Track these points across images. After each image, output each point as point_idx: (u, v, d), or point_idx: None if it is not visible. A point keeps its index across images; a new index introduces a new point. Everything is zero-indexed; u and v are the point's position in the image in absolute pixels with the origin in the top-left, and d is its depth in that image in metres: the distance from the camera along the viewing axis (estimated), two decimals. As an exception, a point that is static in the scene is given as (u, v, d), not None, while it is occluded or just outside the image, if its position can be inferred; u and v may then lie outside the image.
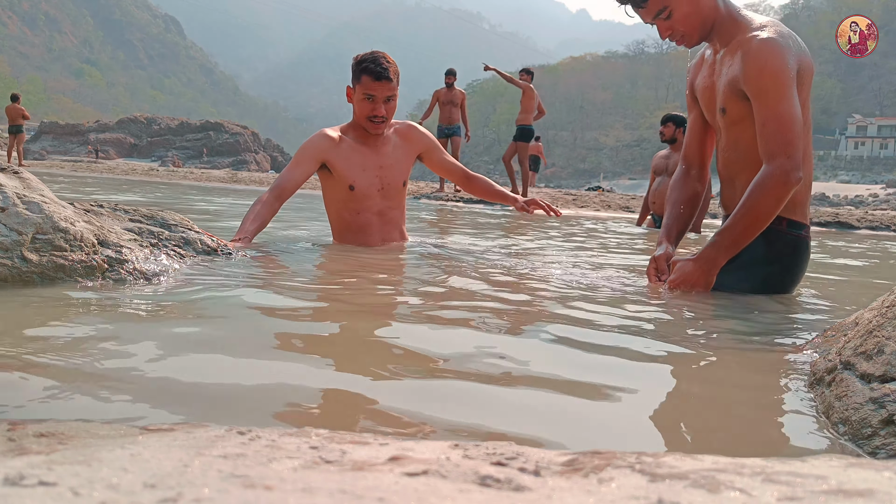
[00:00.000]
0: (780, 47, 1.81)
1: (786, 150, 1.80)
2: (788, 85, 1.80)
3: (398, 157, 2.82)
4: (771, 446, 0.83)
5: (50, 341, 1.06)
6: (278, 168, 46.30)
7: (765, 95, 1.81)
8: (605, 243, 4.12)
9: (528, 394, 0.97)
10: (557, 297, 1.81)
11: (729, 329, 1.50)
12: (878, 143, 72.49)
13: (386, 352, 1.16)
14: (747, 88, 1.85)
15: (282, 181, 2.69)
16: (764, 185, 1.82)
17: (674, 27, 1.95)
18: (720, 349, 1.32)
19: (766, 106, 1.81)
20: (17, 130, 15.93)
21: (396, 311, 1.55)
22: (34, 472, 0.40)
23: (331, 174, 2.73)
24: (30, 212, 1.57)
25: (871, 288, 2.67)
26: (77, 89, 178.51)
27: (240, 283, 1.74)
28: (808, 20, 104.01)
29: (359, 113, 2.71)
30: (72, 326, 1.17)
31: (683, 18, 1.93)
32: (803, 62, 1.86)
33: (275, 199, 2.64)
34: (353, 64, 2.72)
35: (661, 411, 0.93)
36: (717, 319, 1.63)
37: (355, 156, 2.73)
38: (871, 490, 0.41)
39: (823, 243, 5.18)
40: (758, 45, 1.82)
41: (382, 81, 2.62)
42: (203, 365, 1.00)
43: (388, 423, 0.82)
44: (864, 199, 25.16)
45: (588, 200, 10.64)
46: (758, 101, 1.83)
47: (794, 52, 1.84)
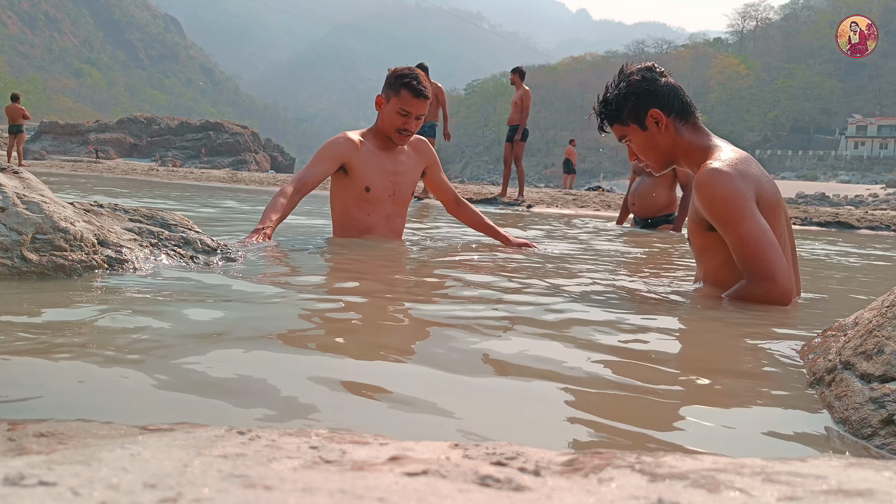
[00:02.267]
0: (726, 175, 1.75)
1: (762, 273, 1.74)
2: (744, 206, 1.74)
3: (411, 167, 2.97)
4: (771, 446, 0.83)
5: (49, 341, 1.06)
6: (278, 168, 46.34)
7: (724, 222, 1.77)
8: (592, 243, 4.12)
9: (528, 394, 0.97)
10: (557, 297, 1.81)
11: (729, 329, 1.50)
12: (878, 143, 72.50)
13: (386, 351, 1.16)
14: (710, 220, 1.82)
15: (304, 176, 2.78)
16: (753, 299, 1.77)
17: (636, 154, 1.99)
18: (720, 349, 1.32)
19: (729, 232, 1.77)
20: (17, 130, 15.94)
21: (396, 310, 1.55)
22: (34, 472, 0.40)
23: (346, 174, 2.83)
24: (30, 212, 1.57)
25: (871, 288, 2.67)
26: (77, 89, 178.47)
27: (240, 282, 1.74)
28: (808, 20, 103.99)
29: (388, 124, 2.82)
30: (71, 326, 1.17)
31: (640, 149, 1.96)
32: (762, 189, 1.81)
33: (295, 193, 2.73)
34: (391, 77, 2.83)
35: (661, 411, 0.93)
36: (716, 319, 1.63)
37: (374, 160, 2.84)
38: (871, 490, 0.41)
39: (823, 243, 5.18)
40: (705, 176, 1.78)
41: (421, 100, 2.77)
42: (203, 364, 1.00)
43: (389, 422, 0.82)
44: (864, 199, 25.17)
45: (588, 200, 10.64)
46: (721, 229, 1.80)
47: (749, 178, 1.78)
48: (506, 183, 10.08)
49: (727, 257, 1.86)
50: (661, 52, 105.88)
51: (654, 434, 0.84)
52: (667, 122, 1.90)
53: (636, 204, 5.69)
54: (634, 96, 1.91)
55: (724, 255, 1.87)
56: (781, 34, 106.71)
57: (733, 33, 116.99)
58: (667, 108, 1.90)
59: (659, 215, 5.59)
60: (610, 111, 1.96)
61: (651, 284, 2.19)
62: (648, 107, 1.90)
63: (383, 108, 2.83)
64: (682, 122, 1.92)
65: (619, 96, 1.93)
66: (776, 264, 1.74)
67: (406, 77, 2.78)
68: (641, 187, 5.58)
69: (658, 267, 2.97)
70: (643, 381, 1.06)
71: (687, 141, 1.92)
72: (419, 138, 3.03)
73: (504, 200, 9.52)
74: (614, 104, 1.95)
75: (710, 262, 1.94)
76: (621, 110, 1.93)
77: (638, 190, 5.63)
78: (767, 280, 1.74)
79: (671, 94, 1.91)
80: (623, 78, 1.95)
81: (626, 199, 6.13)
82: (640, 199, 5.61)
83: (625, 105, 1.92)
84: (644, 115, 1.91)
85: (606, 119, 1.99)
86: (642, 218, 5.70)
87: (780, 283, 1.73)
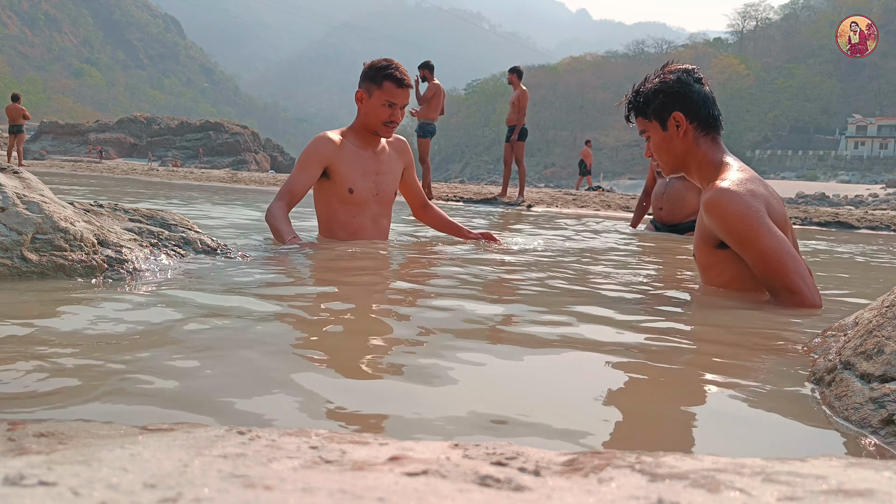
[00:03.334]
0: (737, 194, 1.76)
1: (789, 287, 1.74)
2: (759, 223, 1.74)
3: (392, 167, 2.94)
4: (771, 446, 0.83)
5: (49, 341, 1.06)
6: (278, 168, 46.31)
7: (742, 240, 1.76)
8: (602, 242, 4.12)
9: (528, 393, 0.97)
10: (557, 297, 1.81)
11: (728, 329, 1.50)
12: (878, 142, 72.50)
13: (386, 351, 1.16)
14: (724, 240, 1.82)
15: (291, 187, 2.73)
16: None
17: (652, 152, 1.99)
18: (720, 349, 1.32)
19: (748, 249, 1.76)
20: (17, 130, 15.94)
21: (397, 309, 1.55)
22: (34, 472, 0.40)
23: (328, 178, 2.78)
24: (30, 212, 1.57)
25: (871, 288, 2.67)
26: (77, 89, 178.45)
27: (240, 282, 1.74)
28: (808, 20, 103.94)
29: (374, 118, 2.78)
30: (71, 326, 1.17)
31: (656, 147, 1.96)
32: (772, 207, 1.80)
33: (286, 206, 2.70)
34: (369, 70, 2.79)
35: (661, 411, 0.93)
36: (716, 319, 1.63)
37: (356, 160, 2.80)
38: (871, 490, 0.41)
39: (824, 243, 5.18)
40: (715, 196, 1.77)
41: (404, 89, 2.75)
42: (203, 364, 1.00)
43: (389, 422, 0.82)
44: (864, 199, 25.15)
45: (588, 200, 10.64)
46: (738, 247, 1.79)
47: (758, 196, 1.78)
48: (506, 183, 10.08)
49: (734, 275, 1.87)
50: (661, 52, 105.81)
51: (654, 434, 0.84)
52: (687, 127, 1.90)
53: (664, 209, 5.23)
54: (664, 94, 1.91)
55: (730, 273, 1.88)
56: (781, 34, 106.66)
57: (733, 33, 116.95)
58: (692, 114, 1.90)
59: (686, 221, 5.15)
60: (638, 102, 1.96)
61: (653, 285, 2.19)
62: (674, 108, 1.90)
63: (365, 103, 2.78)
64: (704, 133, 1.91)
65: (651, 90, 1.94)
66: (802, 276, 1.76)
67: (388, 68, 2.75)
68: (671, 191, 5.14)
69: (665, 268, 2.97)
70: (643, 381, 1.06)
71: (702, 152, 1.91)
72: (399, 137, 3.01)
73: (504, 200, 9.53)
74: (643, 97, 1.95)
75: (716, 279, 1.94)
76: (649, 104, 1.94)
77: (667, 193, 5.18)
78: (795, 293, 1.74)
79: (701, 102, 1.90)
80: (660, 73, 1.96)
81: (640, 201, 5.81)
82: (670, 204, 5.16)
83: (653, 100, 1.93)
84: (667, 116, 1.91)
85: (634, 109, 1.99)
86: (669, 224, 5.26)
87: (808, 295, 1.75)
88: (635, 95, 1.98)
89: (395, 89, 2.74)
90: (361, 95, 2.79)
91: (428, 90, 8.97)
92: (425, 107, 9.02)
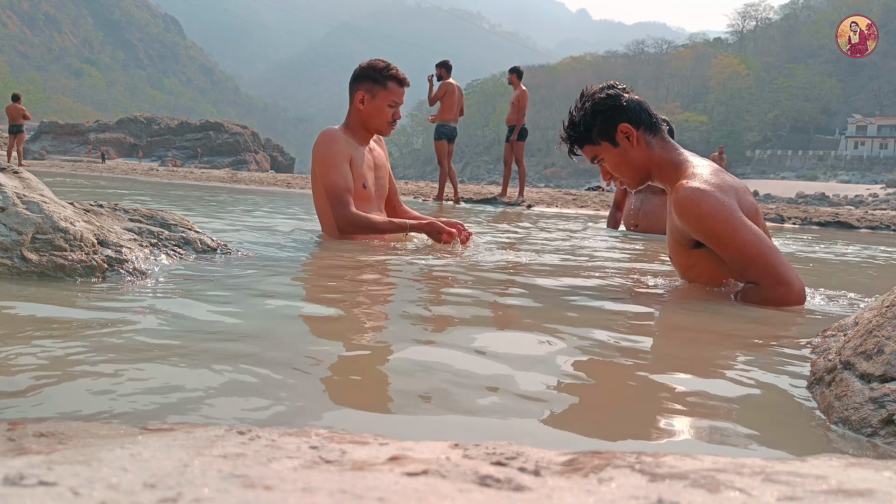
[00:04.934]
0: (707, 191, 1.74)
1: (775, 277, 1.73)
2: (733, 217, 1.73)
3: (384, 163, 3.01)
4: (771, 446, 0.83)
5: (50, 341, 1.06)
6: (278, 168, 46.32)
7: (718, 237, 1.75)
8: (594, 244, 4.12)
9: (528, 394, 0.97)
10: (556, 296, 1.81)
11: (728, 329, 1.50)
12: (878, 142, 72.49)
13: (386, 350, 1.16)
14: (700, 239, 1.80)
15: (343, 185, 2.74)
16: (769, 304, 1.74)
17: (610, 172, 1.98)
18: (719, 349, 1.32)
19: (726, 245, 1.75)
20: (17, 130, 15.94)
21: (396, 309, 1.55)
22: (34, 472, 0.40)
23: None
24: (30, 212, 1.57)
25: (871, 288, 2.67)
26: (77, 89, 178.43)
27: (240, 282, 1.74)
28: (808, 20, 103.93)
29: (380, 119, 2.82)
30: (71, 326, 1.17)
31: (614, 166, 1.95)
32: (741, 198, 1.79)
33: (354, 204, 2.75)
34: (370, 71, 2.81)
35: (661, 411, 0.93)
36: (716, 320, 1.63)
37: (362, 156, 2.86)
38: (871, 490, 0.41)
39: (823, 243, 5.18)
40: (685, 195, 1.76)
41: (405, 88, 2.84)
42: (203, 364, 1.00)
43: (389, 422, 0.82)
44: (864, 199, 25.15)
45: (588, 200, 10.65)
46: (715, 244, 1.77)
47: (727, 189, 1.77)
48: (506, 183, 10.08)
49: (715, 275, 1.86)
50: (661, 52, 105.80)
51: (654, 434, 0.84)
52: (637, 135, 1.90)
53: (640, 225, 5.02)
54: (602, 114, 1.91)
55: (711, 271, 1.87)
56: (781, 34, 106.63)
57: (733, 33, 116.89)
58: (635, 121, 1.90)
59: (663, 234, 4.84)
60: (579, 133, 1.96)
61: (652, 284, 2.19)
62: (617, 122, 1.90)
63: (368, 104, 2.80)
64: (651, 135, 1.92)
65: (587, 116, 1.93)
66: (784, 266, 1.75)
67: (389, 69, 2.80)
68: (647, 207, 4.93)
69: (665, 267, 2.97)
70: (643, 381, 1.06)
71: (658, 155, 1.92)
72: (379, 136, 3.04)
73: (504, 200, 9.53)
74: (582, 125, 1.94)
75: (698, 279, 1.94)
76: (590, 130, 1.93)
77: (643, 210, 4.97)
78: (782, 283, 1.74)
79: (637, 108, 1.91)
80: (587, 99, 1.95)
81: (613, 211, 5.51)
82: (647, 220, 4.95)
83: (593, 124, 1.92)
84: (614, 132, 1.90)
85: (576, 142, 1.98)
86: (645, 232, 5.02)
87: (794, 284, 1.75)
88: (573, 128, 1.97)
89: (399, 89, 2.80)
90: (363, 97, 2.81)
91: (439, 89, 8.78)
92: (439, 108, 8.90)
